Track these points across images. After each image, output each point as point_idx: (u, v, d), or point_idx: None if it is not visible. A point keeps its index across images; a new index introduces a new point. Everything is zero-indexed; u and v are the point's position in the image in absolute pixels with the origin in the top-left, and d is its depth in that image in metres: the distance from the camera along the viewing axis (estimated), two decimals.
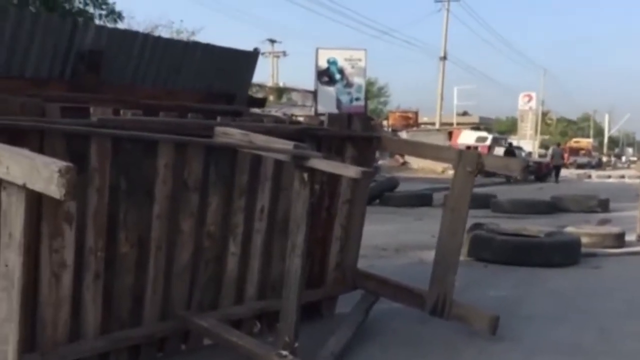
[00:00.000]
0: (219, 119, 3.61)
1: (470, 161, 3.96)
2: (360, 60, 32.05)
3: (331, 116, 4.25)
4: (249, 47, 5.07)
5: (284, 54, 44.25)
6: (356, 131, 4.29)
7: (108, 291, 3.19)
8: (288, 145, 3.09)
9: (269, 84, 39.75)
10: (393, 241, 8.19)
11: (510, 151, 30.26)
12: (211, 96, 4.65)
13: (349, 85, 32.02)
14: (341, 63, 31.70)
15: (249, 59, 4.99)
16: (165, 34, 27.00)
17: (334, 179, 4.17)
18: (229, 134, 3.32)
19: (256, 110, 5.60)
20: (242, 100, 4.85)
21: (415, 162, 31.37)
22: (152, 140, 3.14)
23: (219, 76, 4.68)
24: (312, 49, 33.05)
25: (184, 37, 27.89)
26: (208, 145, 3.40)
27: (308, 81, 33.66)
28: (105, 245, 3.11)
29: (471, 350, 3.86)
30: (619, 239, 8.12)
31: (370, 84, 51.96)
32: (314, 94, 31.80)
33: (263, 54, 43.68)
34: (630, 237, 8.60)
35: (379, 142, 4.44)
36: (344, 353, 3.67)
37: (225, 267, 3.74)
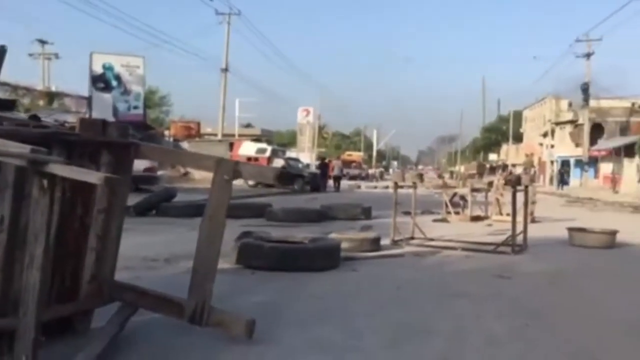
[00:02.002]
0: None
1: (227, 169, 4.02)
2: (138, 67, 31.15)
3: (83, 121, 4.04)
4: (14, 47, 4.65)
5: (56, 56, 41.32)
6: (111, 137, 4.13)
7: None
8: (24, 149, 2.87)
9: (39, 87, 36.78)
10: (164, 252, 8.04)
11: (324, 165, 32.38)
12: None
13: (126, 92, 30.94)
14: (118, 69, 30.53)
15: None
16: None
17: (88, 186, 3.97)
18: None
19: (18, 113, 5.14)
20: None
21: (197, 173, 31.16)
22: None
23: None
24: (87, 53, 31.44)
25: None
26: None
27: (83, 87, 31.75)
28: None
29: (228, 355, 3.91)
30: (375, 243, 8.85)
31: (151, 92, 50.75)
32: (89, 100, 30.26)
33: (32, 55, 40.48)
34: (385, 241, 9.43)
35: (137, 149, 4.33)
36: None
37: None
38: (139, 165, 20.44)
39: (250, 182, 29.90)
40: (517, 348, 4.32)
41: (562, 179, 44.91)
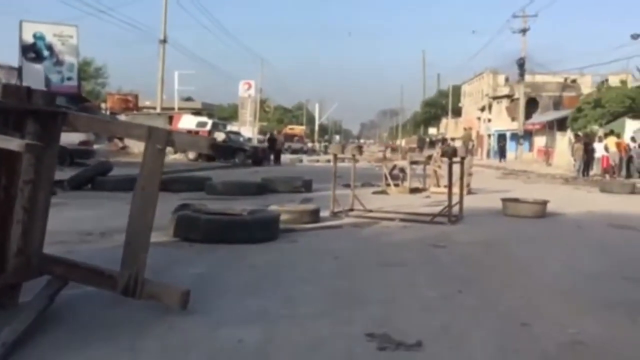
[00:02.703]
0: None
1: (159, 138, 3.94)
2: (71, 36, 30.03)
3: (6, 88, 3.86)
4: None
5: None
6: (37, 105, 3.97)
7: None
8: None
9: None
10: (100, 225, 7.87)
11: (272, 139, 33.05)
12: None
13: (59, 63, 29.84)
14: (50, 39, 29.39)
15: None
16: None
17: (13, 156, 3.82)
18: None
19: None
20: None
21: (135, 146, 30.50)
22: None
23: None
24: (16, 22, 30.05)
25: None
26: None
27: (13, 57, 30.42)
28: None
29: (161, 326, 3.86)
30: (314, 215, 8.90)
31: (86, 63, 49.17)
32: (19, 71, 29.03)
33: None
34: (325, 213, 9.49)
35: (64, 118, 4.18)
36: (23, 341, 3.41)
37: None
38: (74, 138, 19.90)
39: (191, 156, 29.56)
40: (449, 313, 4.44)
41: (503, 152, 45.78)
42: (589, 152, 25.96)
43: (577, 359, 3.57)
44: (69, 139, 18.83)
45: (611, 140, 25.07)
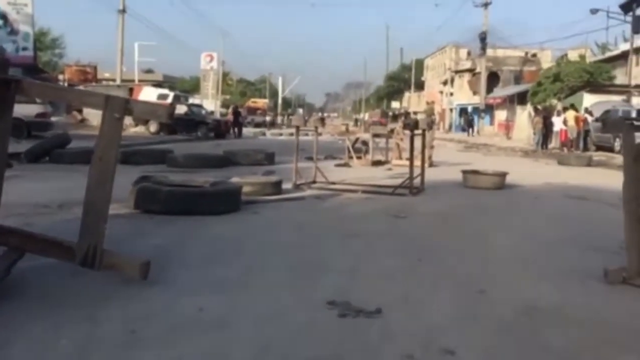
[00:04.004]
0: None
1: (117, 107, 3.86)
2: (26, 5, 29.09)
3: None
4: None
5: None
6: None
7: None
8: None
9: None
10: (57, 198, 7.72)
11: (237, 112, 34.19)
12: None
13: (14, 32, 28.91)
14: (4, 7, 28.45)
15: None
16: None
17: None
18: None
19: None
20: None
21: (94, 119, 29.84)
22: None
23: None
24: None
25: None
26: None
27: None
28: None
29: (122, 297, 3.83)
30: (276, 187, 8.89)
31: (42, 34, 47.74)
32: None
33: None
34: (288, 186, 9.49)
35: (18, 86, 4.06)
36: None
37: None
38: (31, 110, 19.35)
39: (152, 129, 29.12)
40: (409, 281, 4.51)
41: (471, 125, 45.58)
42: (547, 125, 26.41)
43: (532, 323, 3.67)
44: (26, 110, 18.32)
45: (570, 115, 25.52)
